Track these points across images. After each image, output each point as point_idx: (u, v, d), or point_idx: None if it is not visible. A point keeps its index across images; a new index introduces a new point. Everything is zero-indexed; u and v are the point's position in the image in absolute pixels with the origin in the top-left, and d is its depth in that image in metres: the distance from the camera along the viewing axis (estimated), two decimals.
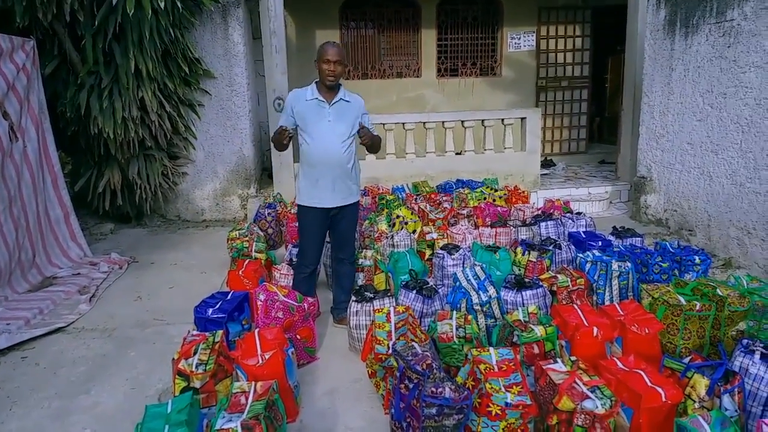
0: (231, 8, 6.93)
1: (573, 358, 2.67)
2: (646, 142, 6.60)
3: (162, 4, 5.80)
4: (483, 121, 7.56)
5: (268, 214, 6.00)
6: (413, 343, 2.71)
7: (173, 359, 2.86)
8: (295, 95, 3.72)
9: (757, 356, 2.57)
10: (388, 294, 3.68)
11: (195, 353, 2.85)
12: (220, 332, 3.04)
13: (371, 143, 3.71)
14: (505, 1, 9.80)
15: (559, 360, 2.65)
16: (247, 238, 5.13)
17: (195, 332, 3.07)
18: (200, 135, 7.16)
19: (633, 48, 7.39)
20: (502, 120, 7.57)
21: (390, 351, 2.86)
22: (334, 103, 3.66)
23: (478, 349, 2.75)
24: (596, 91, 11.34)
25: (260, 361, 2.80)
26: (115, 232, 6.90)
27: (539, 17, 9.96)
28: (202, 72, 6.94)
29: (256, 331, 3.02)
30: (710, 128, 5.59)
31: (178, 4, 6.11)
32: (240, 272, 4.16)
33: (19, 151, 5.04)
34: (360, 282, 4.32)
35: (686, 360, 2.70)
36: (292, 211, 6.04)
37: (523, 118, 7.57)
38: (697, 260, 4.04)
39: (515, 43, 9.99)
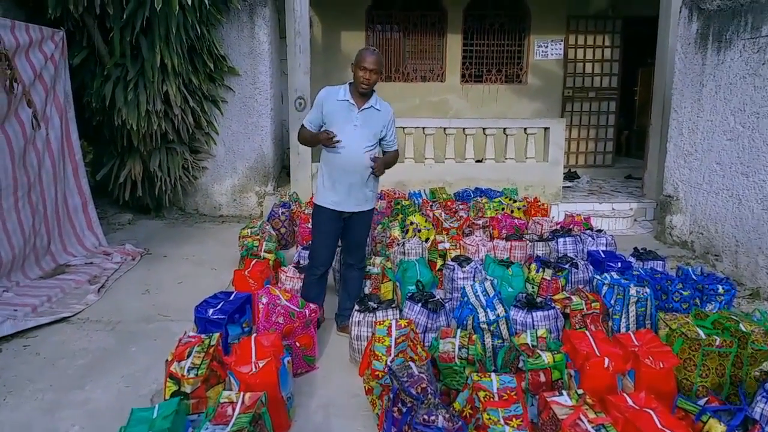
0: (258, 7, 6.92)
1: (580, 391, 2.55)
2: (674, 160, 6.40)
3: (189, 1, 5.80)
4: (505, 129, 7.42)
5: (282, 213, 5.96)
6: (410, 362, 2.61)
7: (167, 360, 2.81)
8: (327, 93, 3.66)
9: None
10: (393, 305, 3.58)
11: (189, 356, 2.79)
12: (216, 335, 2.99)
13: (382, 173, 3.74)
14: (533, 8, 9.64)
15: (564, 393, 2.52)
16: (258, 237, 5.10)
17: (191, 333, 3.01)
18: (222, 131, 7.17)
19: (663, 61, 7.19)
20: (525, 129, 7.42)
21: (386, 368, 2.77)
22: (364, 109, 3.61)
23: (480, 374, 2.63)
24: (625, 104, 11.10)
25: (253, 369, 2.72)
26: (133, 222, 6.92)
27: (568, 26, 9.78)
28: (227, 69, 6.95)
29: (253, 336, 2.96)
30: (741, 149, 5.39)
31: (206, 1, 6.10)
32: (246, 272, 4.11)
33: (41, 139, 5.07)
34: (367, 290, 4.23)
35: (702, 401, 2.56)
36: (306, 211, 5.98)
37: (546, 128, 7.41)
38: (721, 290, 3.86)
39: (542, 51, 9.82)
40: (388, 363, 2.78)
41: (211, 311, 3.36)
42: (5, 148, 4.47)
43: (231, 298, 3.56)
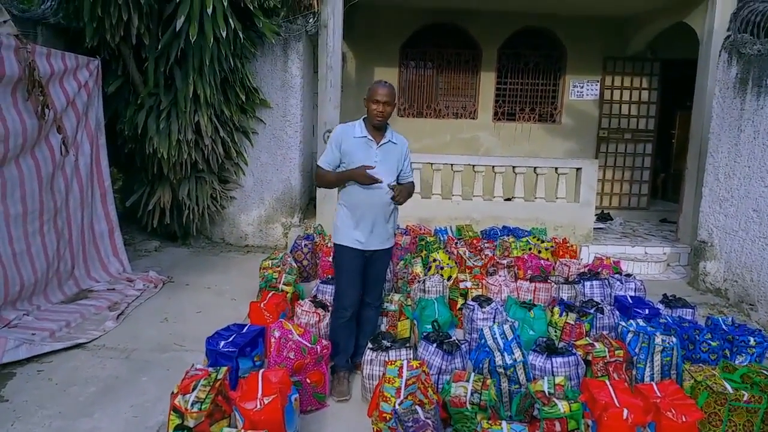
0: (292, 42, 7.03)
1: None
2: (709, 205, 6.20)
3: (224, 33, 5.92)
4: (535, 168, 7.32)
5: (305, 245, 5.94)
6: (417, 407, 2.51)
7: (172, 393, 2.77)
8: (343, 131, 3.59)
9: None
10: (407, 345, 3.49)
11: (194, 389, 2.74)
12: (224, 369, 2.94)
13: (404, 200, 3.63)
14: (570, 48, 9.59)
15: None
16: (279, 269, 5.07)
17: (199, 366, 2.97)
18: (251, 161, 7.23)
19: (701, 104, 7.03)
20: (556, 169, 7.31)
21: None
22: (383, 144, 3.57)
23: (490, 422, 2.53)
24: (662, 146, 10.88)
25: (258, 406, 2.66)
26: (160, 250, 6.99)
27: (604, 67, 9.69)
28: (259, 101, 7.05)
29: (261, 372, 2.90)
30: None
31: (240, 34, 6.23)
32: (262, 304, 4.07)
33: (70, 165, 5.17)
34: (383, 327, 4.15)
35: None
36: (329, 244, 5.96)
37: (578, 169, 7.28)
38: (752, 342, 3.67)
39: (577, 92, 9.74)
40: (396, 405, 2.68)
41: (222, 344, 3.32)
42: (33, 173, 4.56)
43: (244, 331, 3.51)
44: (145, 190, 6.84)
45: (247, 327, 3.58)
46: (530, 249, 6.03)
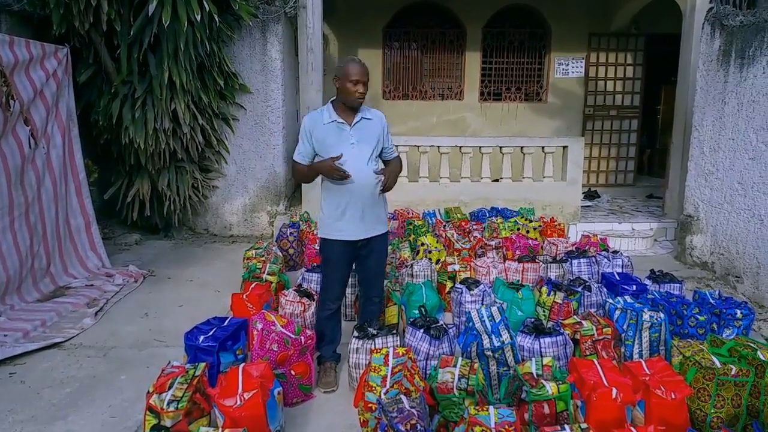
0: (270, 24, 6.86)
1: (584, 425, 2.36)
2: (694, 179, 6.15)
3: (198, 17, 5.75)
4: (522, 148, 7.24)
5: (291, 233, 5.84)
6: (401, 396, 2.44)
7: (148, 392, 2.67)
8: (311, 120, 3.35)
9: None
10: (393, 332, 3.41)
11: (170, 387, 2.65)
12: (202, 365, 2.85)
13: (393, 184, 3.44)
14: (554, 26, 9.49)
15: (567, 427, 2.33)
16: (263, 258, 4.97)
17: (175, 363, 2.88)
18: (233, 149, 7.09)
19: (685, 79, 6.97)
20: (543, 148, 7.23)
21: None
22: (356, 123, 3.33)
23: (477, 407, 2.46)
24: (648, 122, 10.84)
25: (238, 402, 2.57)
26: (141, 243, 6.85)
27: (589, 43, 9.60)
28: (238, 86, 6.88)
29: (241, 366, 2.81)
30: (764, 168, 5.14)
31: (216, 17, 6.06)
32: (244, 296, 3.97)
33: (41, 158, 5.01)
34: None
35: None
36: (315, 231, 5.86)
37: (565, 147, 7.21)
38: (739, 314, 3.63)
39: (563, 69, 9.65)
40: (381, 395, 2.61)
41: (201, 338, 3.22)
42: (0, 168, 4.40)
43: (224, 324, 3.41)
44: (123, 182, 6.69)
45: (228, 320, 3.48)
46: (518, 229, 5.97)
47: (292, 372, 3.23)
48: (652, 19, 9.23)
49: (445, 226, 6.11)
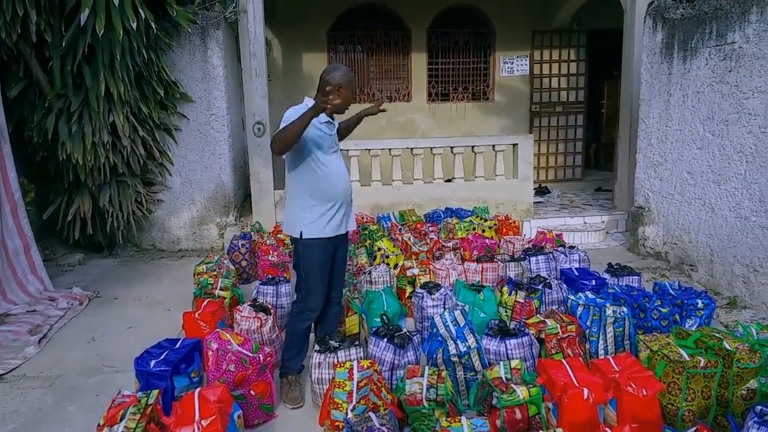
0: (210, 30, 6.65)
1: (559, 430, 2.29)
2: (644, 171, 6.25)
3: (134, 25, 5.50)
4: (473, 147, 7.23)
5: (242, 245, 5.64)
6: (370, 413, 2.32)
7: (98, 425, 2.48)
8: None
9: None
10: (356, 343, 3.28)
11: (122, 419, 2.46)
12: (155, 393, 2.66)
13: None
14: (498, 24, 9.56)
15: None
16: (214, 273, 4.76)
17: (126, 392, 2.68)
18: (177, 161, 6.83)
19: (629, 72, 7.09)
20: (493, 146, 7.24)
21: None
22: (336, 126, 3.46)
23: (449, 419, 2.36)
24: (593, 117, 11.05)
25: (196, 430, 2.41)
26: (84, 263, 6.52)
27: (533, 41, 9.71)
28: (179, 95, 6.64)
29: (197, 391, 2.64)
30: (712, 157, 5.26)
31: (153, 24, 5.82)
32: (196, 314, 3.77)
33: None
34: None
35: None
36: (269, 242, 5.68)
37: (515, 145, 7.24)
38: (700, 304, 3.66)
39: (508, 68, 9.73)
40: (348, 412, 2.48)
41: (153, 363, 3.02)
42: None
43: (177, 346, 3.22)
44: (62, 200, 6.35)
45: (180, 341, 3.28)
46: (474, 229, 5.93)
47: (252, 392, 3.07)
48: (593, 15, 9.40)
49: (400, 229, 6.02)
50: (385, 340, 3.24)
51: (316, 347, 3.24)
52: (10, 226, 5.27)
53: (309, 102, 3.27)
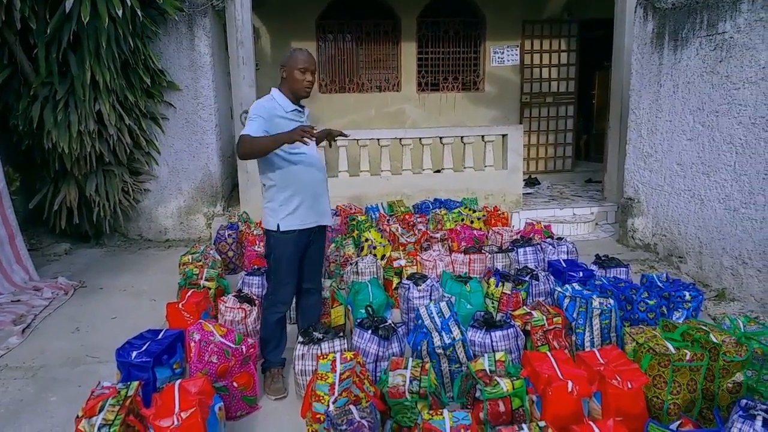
0: (197, 18, 6.56)
1: (542, 423, 2.27)
2: (633, 162, 6.24)
3: (120, 12, 5.42)
4: (462, 137, 7.19)
5: (229, 235, 5.60)
6: (351, 406, 2.30)
7: (77, 416, 2.44)
8: (269, 106, 3.15)
9: (758, 423, 2.18)
10: (340, 334, 3.25)
11: (101, 411, 2.42)
12: (135, 384, 2.63)
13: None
14: (488, 14, 9.50)
15: (525, 426, 2.24)
16: (200, 263, 4.73)
17: (106, 383, 2.64)
18: (164, 150, 6.76)
19: (620, 63, 7.07)
20: (483, 137, 7.21)
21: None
22: (308, 113, 3.37)
23: (431, 412, 2.34)
24: (583, 108, 11.02)
25: (175, 422, 2.38)
26: (71, 252, 6.46)
27: (523, 31, 9.66)
28: (166, 84, 6.55)
29: (177, 383, 2.60)
30: (701, 148, 5.24)
31: (139, 12, 5.73)
32: (180, 305, 3.73)
33: None
34: None
35: (675, 425, 2.31)
36: (255, 232, 5.64)
37: (504, 135, 7.20)
38: (688, 296, 3.65)
39: (498, 58, 9.68)
40: (330, 405, 2.46)
41: (134, 354, 2.99)
42: None
43: (159, 337, 3.19)
44: (48, 189, 6.28)
45: (162, 332, 3.25)
46: (462, 220, 5.91)
47: (235, 384, 3.04)
48: (583, 5, 9.36)
49: (389, 220, 5.99)
50: (370, 331, 3.21)
51: (300, 338, 3.21)
52: None
53: (275, 94, 3.23)
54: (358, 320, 3.37)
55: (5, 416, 3.14)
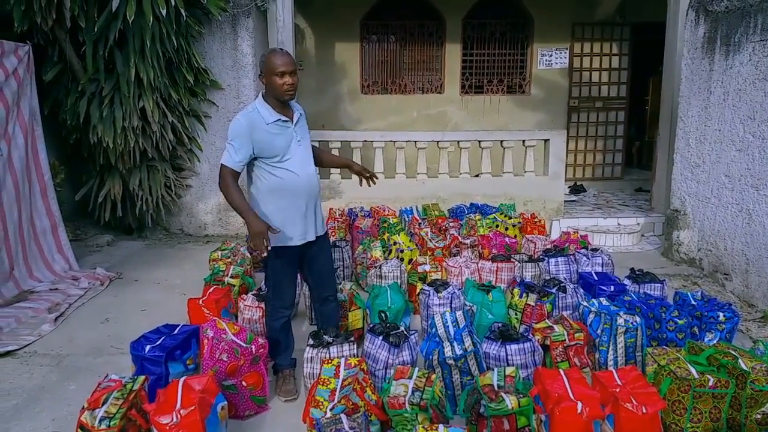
0: (241, 18, 6.65)
1: None
2: (681, 172, 5.98)
3: (164, 12, 5.55)
4: (502, 141, 7.05)
5: None
6: (342, 416, 2.26)
7: (82, 407, 2.50)
8: (248, 120, 3.00)
9: None
10: (351, 339, 3.22)
11: (104, 403, 2.48)
12: (141, 379, 2.67)
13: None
14: (536, 15, 9.29)
15: None
16: (228, 260, 4.79)
17: (113, 377, 2.69)
18: (206, 147, 6.89)
19: (671, 68, 6.78)
20: (523, 141, 7.05)
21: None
22: (298, 120, 3.19)
23: (427, 427, 2.28)
24: (636, 114, 10.66)
25: (175, 419, 2.39)
26: (113, 244, 6.66)
27: (573, 33, 9.40)
28: (209, 82, 6.68)
29: (182, 379, 2.62)
30: (751, 160, 4.96)
31: (183, 11, 5.85)
32: (201, 301, 3.78)
33: (1, 159, 4.83)
34: None
35: None
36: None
37: (546, 140, 7.03)
38: (722, 317, 3.43)
39: (546, 60, 9.45)
40: (327, 411, 2.43)
41: (148, 348, 3.04)
42: None
43: (174, 332, 3.23)
44: (94, 182, 6.52)
45: (179, 327, 3.30)
46: (497, 226, 5.78)
47: (244, 383, 3.05)
48: (636, 7, 9.04)
49: (420, 224, 5.92)
50: (381, 338, 3.17)
51: (310, 341, 3.19)
52: (39, 206, 5.42)
53: (259, 103, 3.09)
54: (371, 325, 3.33)
55: (26, 402, 3.24)
